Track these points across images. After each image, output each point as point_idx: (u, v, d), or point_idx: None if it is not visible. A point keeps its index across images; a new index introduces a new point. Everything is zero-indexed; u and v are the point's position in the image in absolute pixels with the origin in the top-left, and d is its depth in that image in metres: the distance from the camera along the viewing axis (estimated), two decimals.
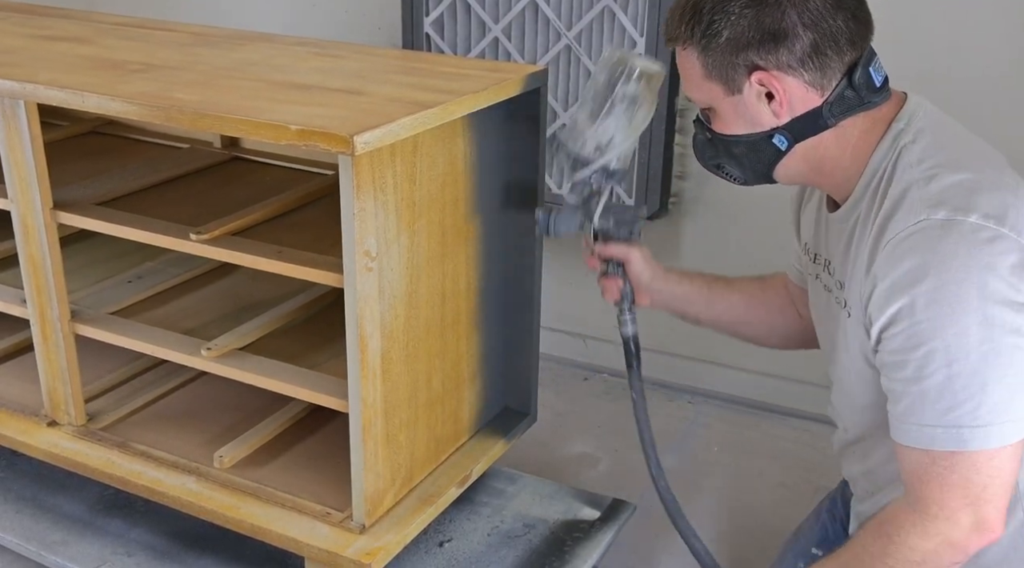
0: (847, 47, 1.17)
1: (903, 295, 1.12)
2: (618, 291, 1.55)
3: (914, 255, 1.11)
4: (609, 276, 1.55)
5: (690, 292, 1.58)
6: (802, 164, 1.25)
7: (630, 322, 1.56)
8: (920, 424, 1.14)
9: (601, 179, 1.47)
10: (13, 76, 1.56)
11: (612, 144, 1.43)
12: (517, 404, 1.86)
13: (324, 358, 1.68)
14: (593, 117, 1.43)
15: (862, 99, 1.19)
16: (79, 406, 1.79)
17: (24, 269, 1.71)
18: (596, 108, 1.42)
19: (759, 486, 2.30)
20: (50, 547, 1.77)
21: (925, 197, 1.14)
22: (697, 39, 1.19)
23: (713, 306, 1.59)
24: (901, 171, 1.18)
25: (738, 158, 1.27)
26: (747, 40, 1.16)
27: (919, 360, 1.12)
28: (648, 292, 1.57)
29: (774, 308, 1.58)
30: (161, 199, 1.83)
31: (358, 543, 1.53)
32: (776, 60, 1.16)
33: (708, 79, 1.21)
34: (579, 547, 1.78)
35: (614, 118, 1.42)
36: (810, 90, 1.18)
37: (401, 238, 1.45)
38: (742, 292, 1.60)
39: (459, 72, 1.63)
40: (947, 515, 1.14)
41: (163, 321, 1.79)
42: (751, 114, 1.22)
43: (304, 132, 1.31)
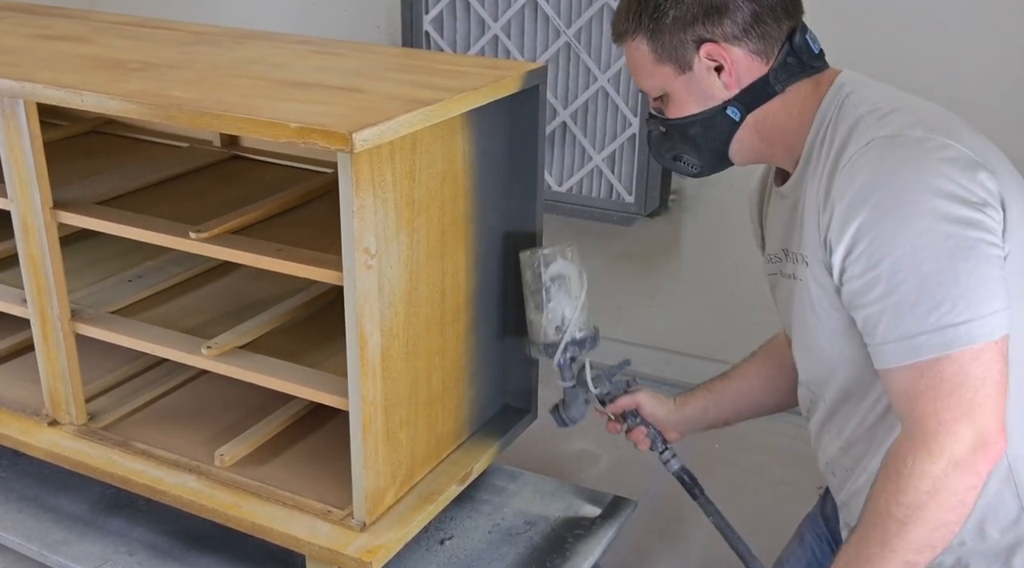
0: (784, 16, 1.25)
1: (859, 212, 1.14)
2: (647, 438, 1.66)
3: (864, 171, 1.15)
4: (632, 429, 1.66)
5: (701, 407, 1.65)
6: (754, 135, 1.30)
7: (672, 458, 1.66)
8: (903, 337, 1.13)
9: (576, 351, 1.60)
10: (12, 75, 1.56)
11: (566, 320, 1.58)
12: (517, 401, 1.86)
13: (324, 356, 1.68)
14: (540, 308, 1.59)
15: (804, 64, 1.26)
16: (80, 405, 1.79)
17: (24, 269, 1.71)
18: (537, 301, 1.59)
19: (760, 483, 2.30)
20: (52, 546, 1.77)
21: (873, 123, 1.18)
22: (645, 25, 1.26)
23: (725, 407, 1.64)
24: (848, 112, 1.22)
25: (694, 141, 1.32)
26: (692, 16, 1.23)
27: (888, 272, 1.13)
28: (670, 427, 1.66)
29: (772, 371, 1.60)
30: (161, 198, 1.84)
31: (359, 541, 1.53)
32: (722, 31, 1.23)
33: (658, 63, 1.27)
34: (580, 544, 1.78)
35: (556, 300, 1.57)
36: (755, 59, 1.25)
37: (400, 236, 1.45)
38: (738, 378, 1.64)
39: (458, 70, 1.63)
40: (945, 429, 1.12)
41: (163, 320, 1.80)
42: (703, 89, 1.27)
43: (303, 130, 1.31)
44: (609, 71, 2.35)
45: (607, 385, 1.65)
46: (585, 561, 1.74)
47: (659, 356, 2.71)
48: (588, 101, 2.41)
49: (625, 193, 2.45)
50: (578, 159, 2.49)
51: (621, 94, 2.38)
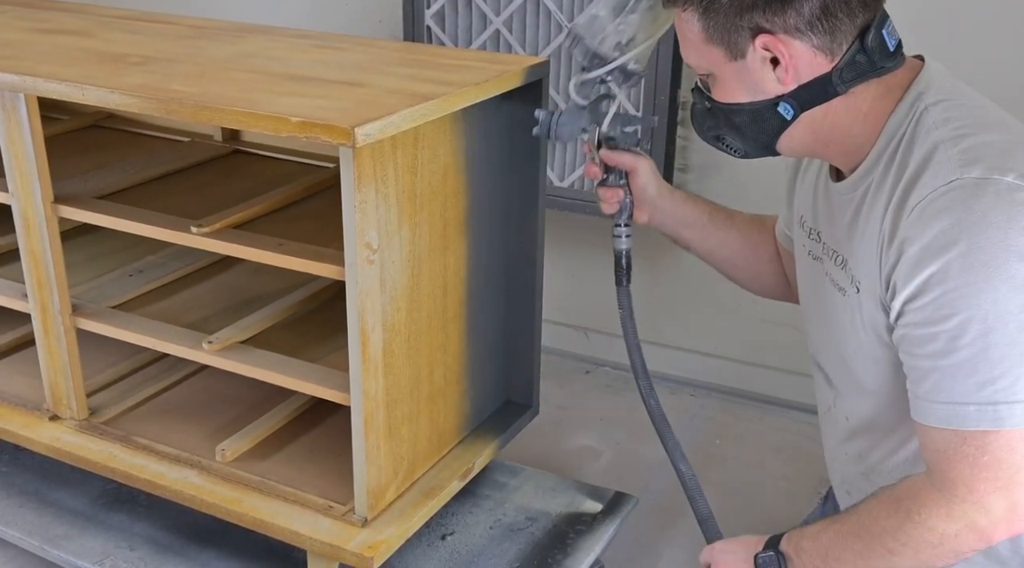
0: (859, 8, 1.10)
1: (935, 261, 1.04)
2: (617, 202, 1.48)
3: (946, 217, 1.04)
4: (610, 186, 1.47)
5: (691, 216, 1.51)
6: (808, 134, 1.18)
7: (625, 236, 1.50)
8: (951, 402, 1.06)
9: (618, 80, 1.38)
10: (13, 69, 1.55)
11: (634, 43, 1.34)
12: (519, 397, 1.86)
13: (326, 351, 1.67)
14: (616, 11, 1.33)
15: (875, 64, 1.12)
16: (81, 400, 1.79)
17: (25, 263, 1.71)
18: (620, 3, 1.33)
19: (761, 479, 2.29)
20: (53, 541, 1.77)
21: (955, 156, 1.07)
22: (698, 1, 1.13)
23: (709, 237, 1.52)
24: (925, 132, 1.11)
25: (739, 128, 1.21)
26: (752, 1, 1.09)
27: (951, 331, 1.04)
28: (649, 208, 1.50)
29: (764, 257, 1.53)
30: (162, 192, 1.83)
31: (360, 536, 1.52)
32: (783, 22, 1.09)
33: (708, 43, 1.14)
34: (581, 540, 1.78)
35: (639, 15, 1.33)
36: (818, 55, 1.12)
37: (402, 230, 1.45)
38: (740, 232, 1.53)
39: (460, 64, 1.63)
40: (976, 499, 1.06)
41: (165, 315, 1.79)
42: (754, 81, 1.15)
43: (305, 124, 1.31)
44: None
45: (618, 130, 1.44)
46: (587, 557, 1.74)
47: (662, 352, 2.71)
48: None
49: None
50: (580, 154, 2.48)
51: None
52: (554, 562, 1.72)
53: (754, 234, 1.53)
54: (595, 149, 1.46)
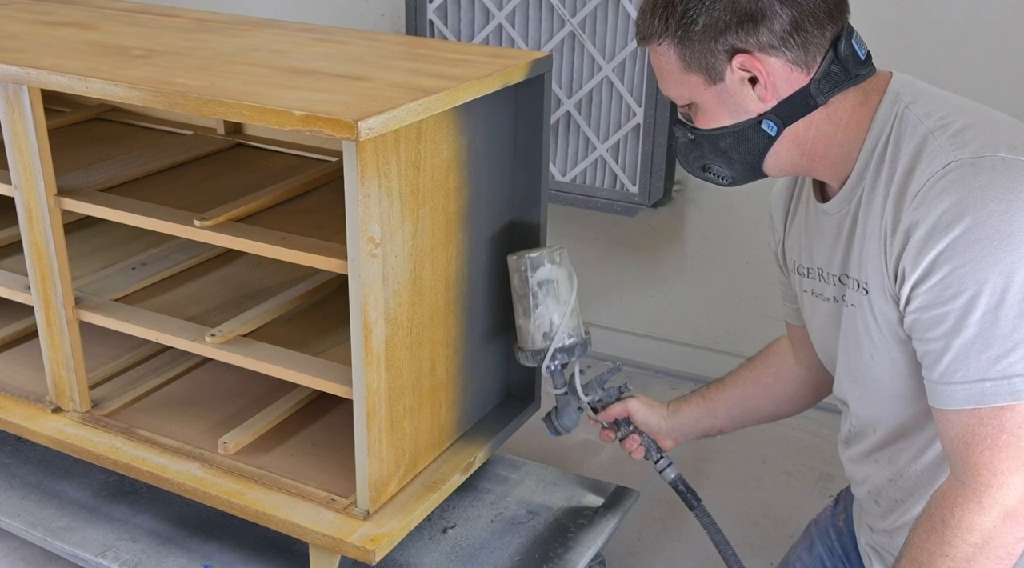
0: (827, 21, 1.13)
1: (940, 240, 1.05)
2: (640, 446, 1.61)
3: (948, 196, 1.05)
4: (626, 437, 1.61)
5: (694, 415, 1.60)
6: (793, 149, 1.20)
7: (668, 468, 1.61)
8: (965, 381, 1.06)
9: (565, 358, 1.57)
10: (17, 62, 1.55)
11: (554, 326, 1.56)
12: (520, 391, 1.86)
13: (328, 345, 1.68)
14: (527, 314, 1.56)
15: (850, 73, 1.15)
16: (83, 392, 1.80)
17: (28, 256, 1.71)
18: (525, 306, 1.57)
19: (763, 473, 2.30)
20: (55, 533, 1.78)
21: (946, 142, 1.09)
22: (672, 31, 1.15)
23: (719, 414, 1.59)
24: (911, 127, 1.13)
25: (725, 153, 1.22)
26: (724, 23, 1.12)
27: (961, 308, 1.05)
28: (664, 434, 1.61)
29: (769, 379, 1.55)
30: (165, 186, 1.83)
31: (362, 529, 1.53)
32: (757, 41, 1.12)
33: (686, 71, 1.17)
34: (583, 534, 1.78)
35: (543, 305, 1.55)
36: (794, 70, 1.14)
37: (405, 224, 1.45)
38: (734, 386, 1.58)
39: (463, 58, 1.63)
40: (1001, 481, 1.05)
41: (167, 308, 1.80)
42: (736, 102, 1.17)
43: (308, 118, 1.31)
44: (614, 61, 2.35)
45: (599, 392, 1.60)
46: (587, 551, 1.74)
47: (663, 347, 2.71)
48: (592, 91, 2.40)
49: (629, 183, 2.44)
50: (582, 149, 2.48)
51: (626, 84, 2.37)
52: (555, 556, 1.72)
53: (747, 374, 1.58)
54: (594, 416, 1.63)
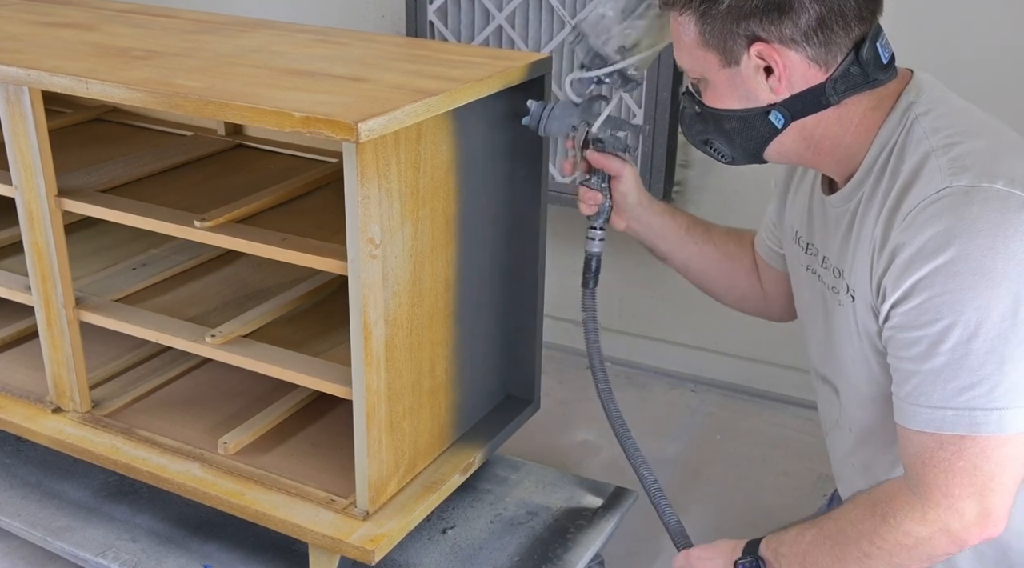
0: (855, 22, 1.11)
1: (923, 266, 1.06)
2: (596, 205, 1.48)
3: (936, 223, 1.06)
4: (591, 187, 1.47)
5: (669, 227, 1.51)
6: (799, 142, 1.19)
7: (598, 240, 1.50)
8: (929, 406, 1.08)
9: (615, 83, 1.38)
10: (18, 63, 1.56)
11: (637, 48, 1.34)
12: (520, 392, 1.86)
13: (328, 346, 1.68)
14: (624, 14, 1.34)
15: (868, 77, 1.13)
16: (84, 393, 1.80)
17: (29, 256, 1.72)
18: (630, 5, 1.33)
19: (761, 474, 2.30)
20: (55, 533, 1.78)
21: (946, 164, 1.08)
22: (696, 4, 1.12)
23: (685, 248, 1.52)
24: (916, 142, 1.12)
25: (728, 134, 1.21)
26: (750, 8, 1.09)
27: (934, 336, 1.06)
28: (627, 215, 1.50)
29: (740, 270, 1.53)
30: (165, 186, 1.84)
31: (362, 530, 1.53)
32: (779, 32, 1.10)
33: (703, 48, 1.15)
34: (582, 534, 1.78)
35: (646, 21, 1.33)
36: (812, 66, 1.12)
37: (405, 226, 1.46)
38: (716, 245, 1.53)
39: (463, 59, 1.63)
40: (950, 503, 1.08)
41: (167, 308, 1.80)
42: (747, 88, 1.16)
43: (308, 119, 1.31)
44: None
45: (607, 132, 1.44)
46: (587, 551, 1.74)
47: (662, 347, 2.72)
48: None
49: None
50: None
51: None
52: (554, 556, 1.73)
53: (731, 247, 1.54)
54: (579, 148, 1.46)
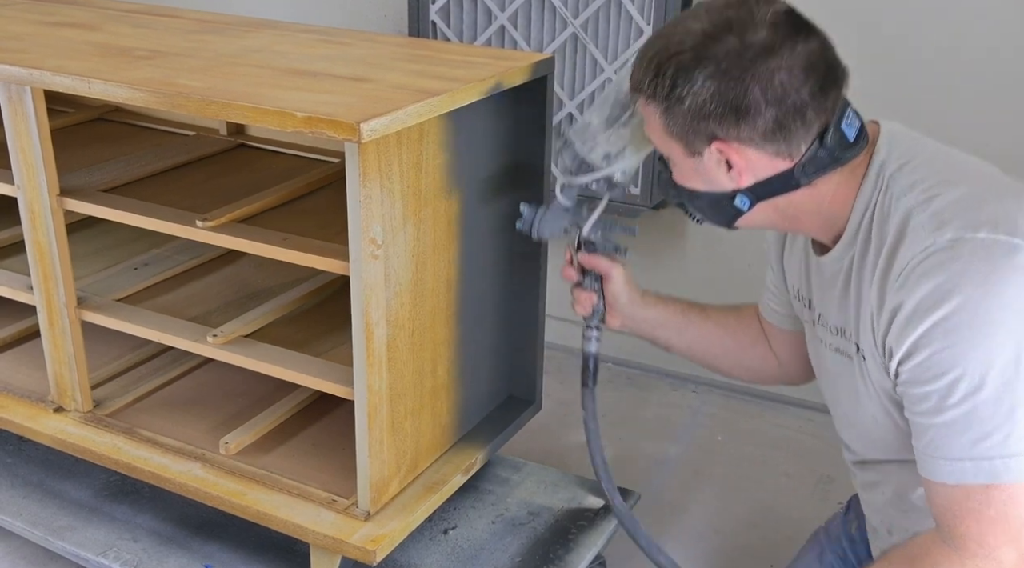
0: (814, 117, 1.12)
1: (921, 323, 1.07)
2: (591, 306, 1.51)
3: (928, 281, 1.07)
4: (584, 289, 1.51)
5: (664, 317, 1.53)
6: (771, 215, 1.21)
7: (595, 339, 1.53)
8: (948, 458, 1.08)
9: (602, 188, 1.43)
10: (20, 62, 1.56)
11: (622, 155, 1.38)
12: (522, 392, 1.86)
13: (329, 346, 1.68)
14: (609, 123, 1.37)
15: (836, 157, 1.15)
16: (85, 392, 1.80)
17: (31, 255, 1.72)
18: (614, 115, 1.37)
19: (763, 475, 2.30)
20: (57, 532, 1.78)
21: (927, 221, 1.10)
22: (660, 99, 1.15)
23: (684, 333, 1.53)
24: (895, 200, 1.14)
25: (698, 207, 1.25)
26: (708, 111, 1.11)
27: (941, 390, 1.07)
28: (620, 315, 1.52)
29: (745, 342, 1.53)
30: (167, 186, 1.84)
31: (363, 530, 1.53)
32: (737, 134, 1.12)
33: (668, 136, 1.18)
34: (583, 535, 1.78)
35: (631, 129, 1.36)
36: (775, 158, 1.14)
37: (407, 226, 1.45)
38: (716, 323, 1.54)
39: (465, 60, 1.63)
40: (987, 552, 1.07)
41: (169, 308, 1.80)
42: (710, 177, 1.18)
43: (311, 119, 1.31)
44: (616, 62, 2.35)
45: (598, 235, 1.47)
46: (588, 552, 1.74)
47: None
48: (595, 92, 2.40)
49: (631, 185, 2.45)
50: None
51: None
52: (556, 557, 1.73)
53: (731, 321, 1.55)
54: (574, 251, 1.49)
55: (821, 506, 2.17)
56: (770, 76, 1.09)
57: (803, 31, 1.11)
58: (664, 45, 1.13)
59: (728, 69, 1.09)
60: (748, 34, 1.09)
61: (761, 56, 1.09)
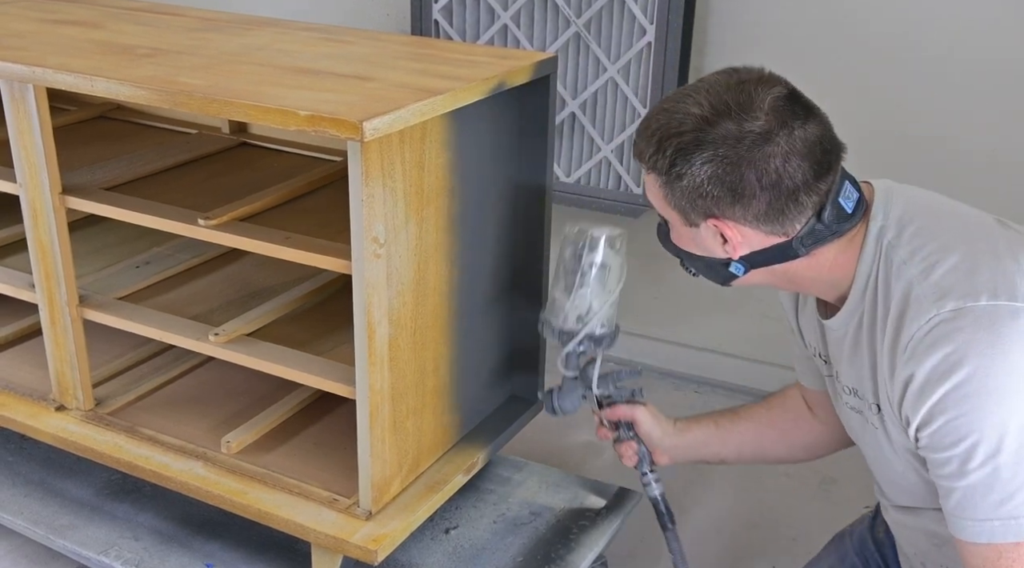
0: (808, 198, 1.14)
1: (933, 393, 1.09)
2: (635, 454, 1.57)
3: (936, 351, 1.09)
4: (622, 441, 1.57)
5: (702, 438, 1.58)
6: (768, 279, 1.24)
7: (654, 482, 1.58)
8: (975, 519, 1.10)
9: (589, 346, 1.51)
10: (22, 60, 1.55)
11: (591, 311, 1.48)
12: (524, 392, 1.86)
13: (331, 345, 1.68)
14: (568, 290, 1.48)
15: (834, 230, 1.17)
16: (87, 391, 1.80)
17: (33, 254, 1.71)
18: (569, 282, 1.48)
19: (764, 475, 2.30)
20: (58, 531, 1.78)
21: (929, 292, 1.12)
22: (661, 172, 1.18)
23: (728, 444, 1.57)
24: (896, 273, 1.16)
25: (695, 266, 1.28)
26: (704, 192, 1.15)
27: (961, 455, 1.09)
28: (662, 449, 1.58)
29: (787, 426, 1.55)
30: (169, 184, 1.83)
31: (364, 529, 1.53)
32: (732, 213, 1.15)
33: (668, 205, 1.21)
34: (585, 535, 1.78)
35: (588, 287, 1.47)
36: (771, 236, 1.17)
37: (409, 225, 1.45)
38: (749, 420, 1.57)
39: (468, 59, 1.63)
40: None
41: (171, 306, 1.80)
42: (706, 246, 1.22)
43: (313, 118, 1.31)
44: (619, 62, 2.34)
45: (611, 388, 1.56)
46: (590, 552, 1.74)
47: (665, 348, 2.71)
48: (597, 92, 2.40)
49: (633, 184, 2.44)
50: (587, 150, 2.48)
51: (631, 85, 2.37)
52: (557, 557, 1.72)
53: (762, 415, 1.57)
54: (598, 411, 1.58)
55: (823, 507, 2.17)
56: (765, 162, 1.11)
57: (801, 116, 1.13)
58: (666, 122, 1.16)
59: (725, 154, 1.12)
60: (746, 121, 1.12)
61: (757, 143, 1.11)
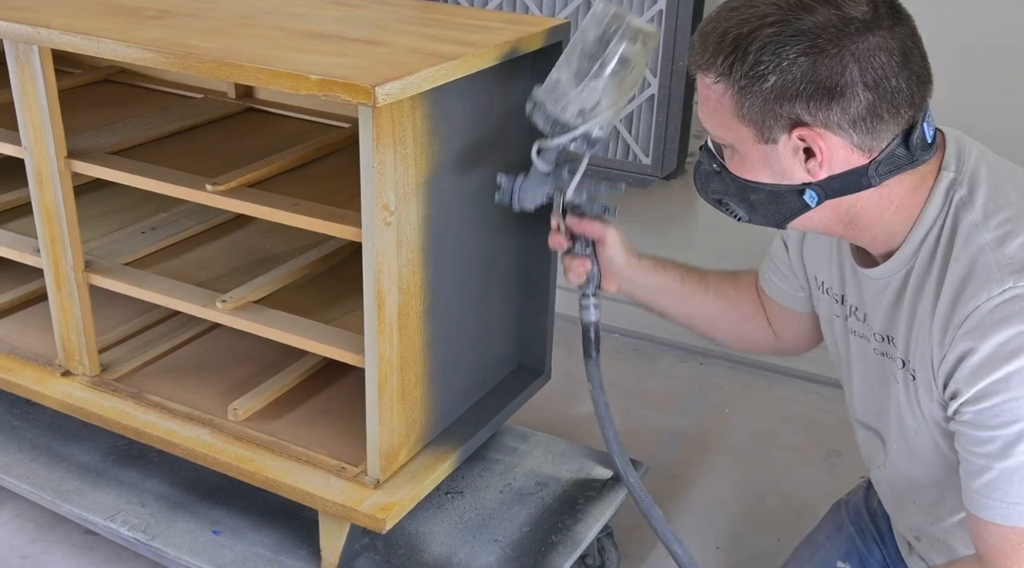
0: (905, 109, 1.04)
1: (994, 371, 1.04)
2: (584, 273, 1.42)
3: (1005, 328, 1.02)
4: (576, 255, 1.42)
5: (662, 283, 1.46)
6: (831, 217, 1.13)
7: (593, 307, 1.44)
8: (1005, 501, 1.06)
9: (580, 147, 1.32)
10: (27, 20, 1.53)
11: (598, 109, 1.28)
12: (531, 363, 1.85)
13: (339, 312, 1.67)
14: (579, 77, 1.28)
15: (913, 158, 1.07)
16: (93, 356, 1.79)
17: (38, 218, 1.70)
18: (583, 68, 1.27)
19: (770, 448, 2.30)
20: (64, 496, 1.78)
21: (1003, 262, 1.04)
22: (736, 78, 1.03)
23: (685, 302, 1.47)
24: (966, 232, 1.08)
25: (751, 203, 1.15)
26: (797, 91, 1.01)
27: (1010, 437, 1.04)
28: (617, 278, 1.44)
29: (746, 314, 1.48)
30: (175, 149, 1.82)
31: (372, 498, 1.53)
32: (825, 118, 1.03)
33: (737, 120, 1.07)
34: (591, 506, 1.78)
35: (603, 80, 1.27)
36: (855, 151, 1.06)
37: (420, 192, 1.44)
38: (715, 293, 1.47)
39: (480, 24, 1.60)
40: None
41: (177, 272, 1.79)
42: (782, 167, 1.09)
43: (325, 82, 1.29)
44: None
45: (583, 197, 1.37)
46: (596, 522, 1.74)
47: None
48: None
49: (642, 155, 2.42)
50: None
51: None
52: (564, 527, 1.73)
53: (731, 293, 1.48)
54: (560, 216, 1.41)
55: (829, 479, 2.17)
56: (871, 57, 1.00)
57: (899, 13, 1.03)
58: (742, 18, 1.02)
59: (824, 45, 0.99)
60: (846, 6, 1.00)
61: (861, 32, 1.00)
